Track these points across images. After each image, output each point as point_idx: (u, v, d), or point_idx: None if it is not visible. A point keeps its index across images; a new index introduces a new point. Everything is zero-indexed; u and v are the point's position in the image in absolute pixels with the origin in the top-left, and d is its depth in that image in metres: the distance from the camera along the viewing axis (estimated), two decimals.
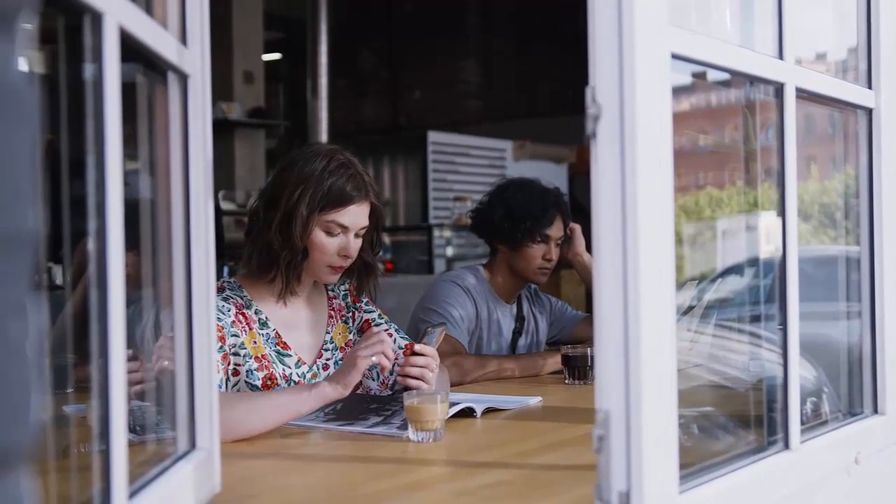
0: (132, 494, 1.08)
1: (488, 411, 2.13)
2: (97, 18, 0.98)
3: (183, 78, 1.32)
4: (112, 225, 1.00)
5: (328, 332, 2.30)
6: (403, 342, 2.34)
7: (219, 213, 4.99)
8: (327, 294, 2.36)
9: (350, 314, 2.37)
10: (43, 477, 0.85)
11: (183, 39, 1.33)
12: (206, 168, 1.37)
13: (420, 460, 1.72)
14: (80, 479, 1.22)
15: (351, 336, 2.34)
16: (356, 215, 2.17)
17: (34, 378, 0.59)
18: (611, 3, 1.14)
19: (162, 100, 1.33)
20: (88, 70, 1.00)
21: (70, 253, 1.15)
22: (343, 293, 2.38)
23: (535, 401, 2.31)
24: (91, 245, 0.99)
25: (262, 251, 2.16)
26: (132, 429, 1.14)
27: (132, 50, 1.10)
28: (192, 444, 1.35)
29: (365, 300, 2.41)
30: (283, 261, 2.14)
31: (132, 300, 1.07)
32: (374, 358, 1.94)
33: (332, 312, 2.34)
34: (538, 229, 2.92)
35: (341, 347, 2.31)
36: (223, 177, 7.37)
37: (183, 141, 1.34)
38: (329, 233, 2.15)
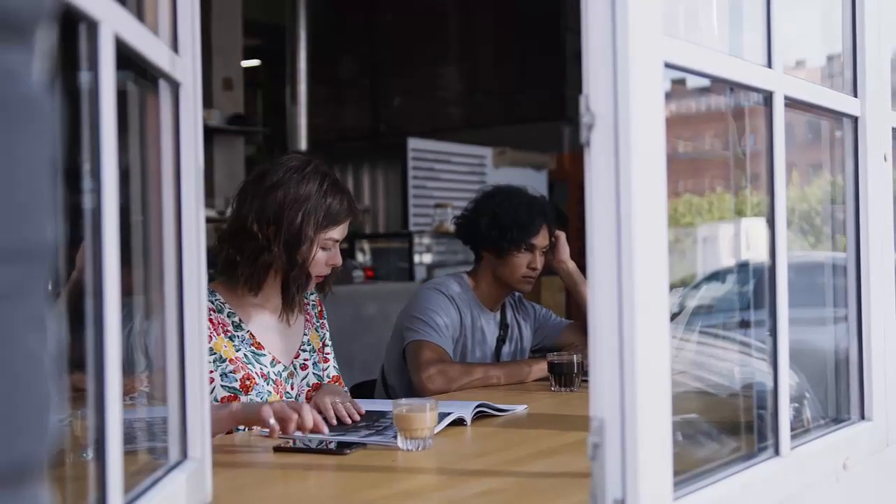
0: None
1: (478, 417, 2.14)
2: (93, 27, 0.98)
3: (175, 86, 1.32)
4: (107, 233, 0.99)
5: (305, 334, 2.39)
6: (334, 372, 2.40)
7: None
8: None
9: (320, 323, 2.47)
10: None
11: (175, 47, 1.32)
12: (197, 176, 1.36)
13: (411, 469, 1.72)
14: (70, 488, 1.21)
15: (321, 343, 2.44)
16: (346, 228, 2.29)
17: (52, 389, 0.58)
18: (605, 13, 1.14)
19: (152, 107, 1.32)
20: (83, 77, 1.00)
21: (67, 261, 1.14)
22: (312, 303, 2.46)
23: (521, 408, 2.32)
24: (88, 253, 0.98)
25: (262, 270, 2.21)
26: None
27: (124, 57, 1.09)
28: (184, 455, 1.34)
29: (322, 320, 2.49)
30: (292, 282, 2.22)
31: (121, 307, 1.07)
32: (272, 421, 1.86)
33: (308, 317, 2.42)
34: (525, 238, 2.92)
35: (318, 350, 2.40)
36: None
37: (174, 149, 1.33)
38: (324, 248, 2.25)
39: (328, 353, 2.46)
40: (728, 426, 1.70)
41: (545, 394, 2.59)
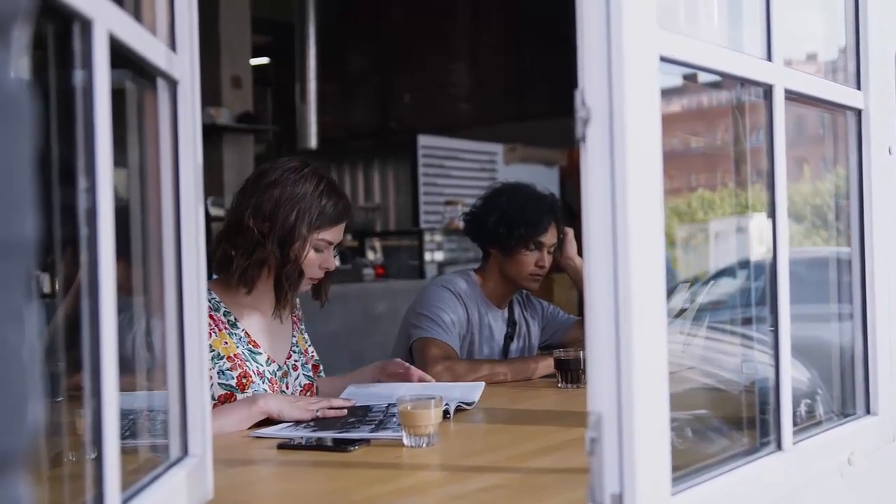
0: (125, 501, 1.08)
1: (484, 413, 2.15)
2: (87, 25, 0.98)
3: (172, 84, 1.32)
4: (103, 232, 1.00)
5: (294, 337, 2.43)
6: (305, 381, 2.41)
7: (207, 219, 5.00)
8: None
9: (303, 326, 2.51)
10: (34, 485, 0.85)
11: (172, 46, 1.32)
12: (196, 174, 1.37)
13: (414, 465, 1.72)
14: (69, 487, 1.22)
15: (307, 345, 2.48)
16: (341, 232, 2.33)
17: (32, 383, 0.59)
18: (599, 6, 1.14)
19: (151, 106, 1.32)
20: (78, 76, 1.00)
21: (61, 260, 1.15)
22: (297, 308, 2.51)
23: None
24: (83, 253, 0.99)
25: (256, 265, 2.24)
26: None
27: (121, 56, 1.10)
28: (185, 451, 1.35)
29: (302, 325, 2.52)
30: (284, 278, 2.25)
31: (122, 308, 1.07)
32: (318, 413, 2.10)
33: (295, 320, 2.46)
34: (532, 236, 2.91)
35: (304, 352, 2.44)
36: (212, 183, 7.34)
37: (173, 147, 1.33)
38: (317, 249, 2.28)
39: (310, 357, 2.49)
40: (733, 421, 1.70)
41: (551, 390, 2.59)
